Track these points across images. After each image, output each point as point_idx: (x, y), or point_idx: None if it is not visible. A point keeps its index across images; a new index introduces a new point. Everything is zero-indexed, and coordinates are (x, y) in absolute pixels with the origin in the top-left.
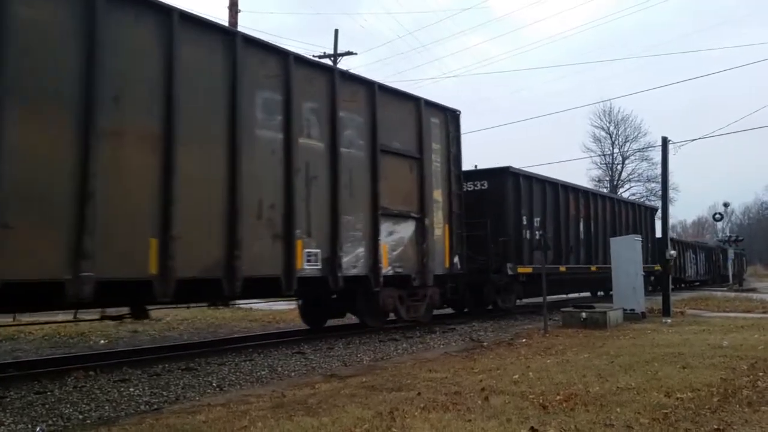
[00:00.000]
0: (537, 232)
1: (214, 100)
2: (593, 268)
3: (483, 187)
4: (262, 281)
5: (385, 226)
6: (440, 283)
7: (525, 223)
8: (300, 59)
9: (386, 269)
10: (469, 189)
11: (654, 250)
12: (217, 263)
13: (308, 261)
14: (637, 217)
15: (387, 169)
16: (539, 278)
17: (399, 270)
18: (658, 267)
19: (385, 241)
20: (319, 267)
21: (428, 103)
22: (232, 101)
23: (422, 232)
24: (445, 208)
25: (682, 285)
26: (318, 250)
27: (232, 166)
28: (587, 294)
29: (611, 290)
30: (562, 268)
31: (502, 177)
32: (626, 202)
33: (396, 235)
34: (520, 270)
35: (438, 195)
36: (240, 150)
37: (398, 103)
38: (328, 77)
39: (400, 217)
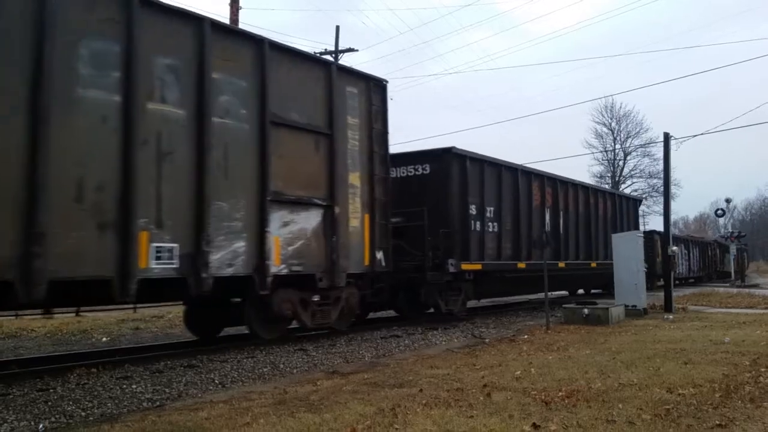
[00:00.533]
0: (490, 224)
1: (6, 47)
2: (562, 264)
3: (424, 172)
4: (88, 284)
5: (277, 216)
6: (361, 284)
7: (474, 212)
8: (149, 2)
9: (278, 267)
10: (409, 174)
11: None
12: (7, 261)
13: (158, 258)
14: (618, 209)
15: (282, 146)
16: (493, 276)
17: (298, 268)
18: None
19: (277, 234)
20: (175, 266)
21: (343, 70)
22: (37, 50)
23: (332, 223)
24: (366, 195)
25: (675, 282)
26: (174, 245)
27: (32, 134)
28: (557, 294)
29: (586, 289)
30: (521, 265)
31: (445, 160)
32: (605, 192)
33: (294, 226)
34: (466, 267)
35: (355, 179)
36: (48, 113)
37: (300, 67)
38: (196, 29)
39: (300, 204)
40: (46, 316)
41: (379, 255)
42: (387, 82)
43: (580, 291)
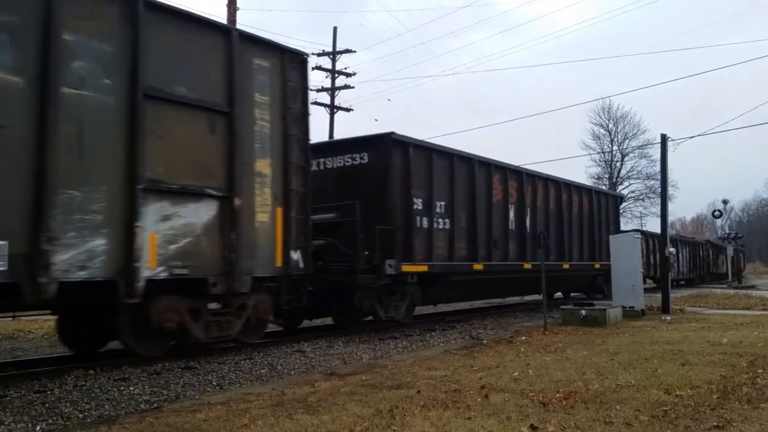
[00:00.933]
0: (441, 220)
1: None
2: (528, 265)
3: (362, 161)
4: None
5: (155, 208)
6: (277, 289)
7: (419, 207)
8: None
9: (154, 270)
10: (346, 164)
11: None
12: None
13: None
14: (596, 206)
15: (163, 125)
16: (444, 279)
17: (182, 271)
18: None
19: (154, 230)
20: (2, 268)
21: (248, 38)
22: None
23: (231, 218)
24: (278, 186)
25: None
26: (1, 243)
27: None
28: (530, 298)
29: (562, 293)
30: (478, 266)
31: (383, 147)
32: (580, 188)
33: (178, 220)
34: (408, 268)
35: (264, 167)
36: None
37: (191, 32)
38: None
39: (186, 195)
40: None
41: (296, 255)
42: (307, 55)
43: (558, 294)
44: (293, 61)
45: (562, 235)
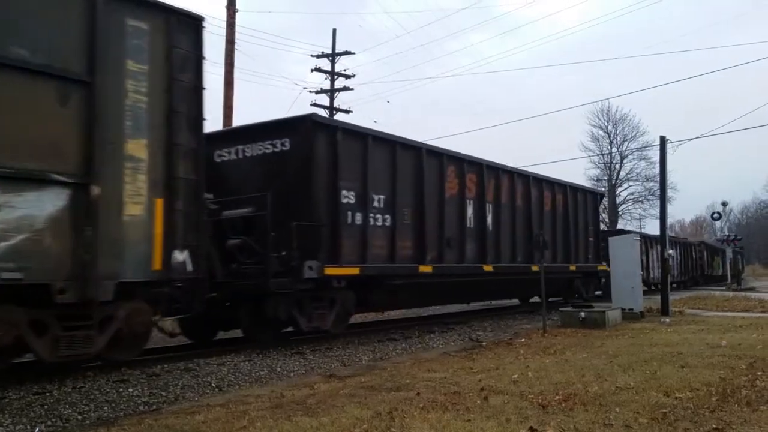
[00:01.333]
0: (379, 216)
1: None
2: (488, 267)
3: (284, 148)
4: None
5: None
6: (165, 296)
7: (351, 201)
8: None
9: None
10: (266, 151)
11: (598, 245)
12: None
13: None
14: (573, 204)
15: None
16: (385, 283)
17: (13, 275)
18: (603, 266)
19: None
20: None
21: None
22: None
23: (87, 209)
24: (159, 172)
25: (651, 287)
26: None
27: None
28: (489, 303)
29: (530, 298)
30: (426, 268)
31: (306, 132)
32: (553, 183)
33: (11, 212)
34: (333, 271)
35: (139, 149)
36: None
37: None
38: None
39: (22, 181)
40: None
41: (183, 256)
42: (202, 19)
43: (536, 299)
44: (183, 24)
45: (530, 234)
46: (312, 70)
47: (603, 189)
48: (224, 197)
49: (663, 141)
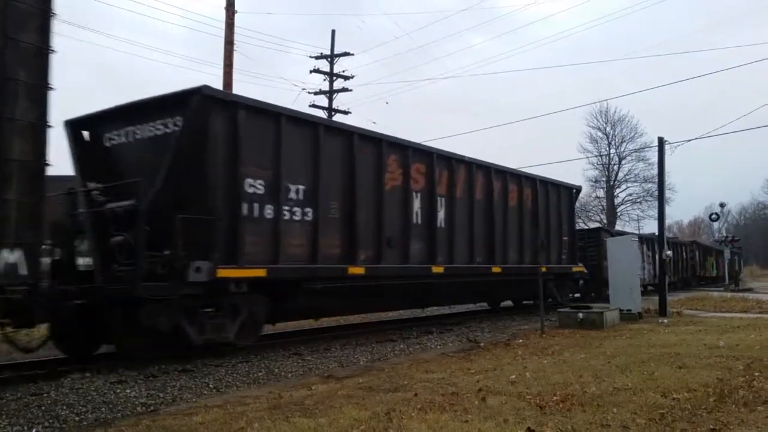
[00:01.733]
0: (297, 209)
1: None
2: (438, 269)
3: (176, 128)
4: None
5: None
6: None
7: (259, 191)
8: None
9: None
10: (157, 133)
11: (574, 245)
12: None
13: None
14: (544, 199)
15: None
16: (301, 286)
17: None
18: (579, 268)
19: None
20: None
21: None
22: None
23: None
24: None
25: (644, 288)
26: None
27: None
28: (450, 308)
29: (494, 302)
30: (357, 270)
31: (198, 108)
32: (519, 176)
33: None
34: (229, 273)
35: None
36: None
37: None
38: None
39: None
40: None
41: (14, 257)
42: None
43: (508, 303)
44: None
45: (492, 232)
46: (311, 72)
47: (579, 185)
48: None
49: (661, 142)
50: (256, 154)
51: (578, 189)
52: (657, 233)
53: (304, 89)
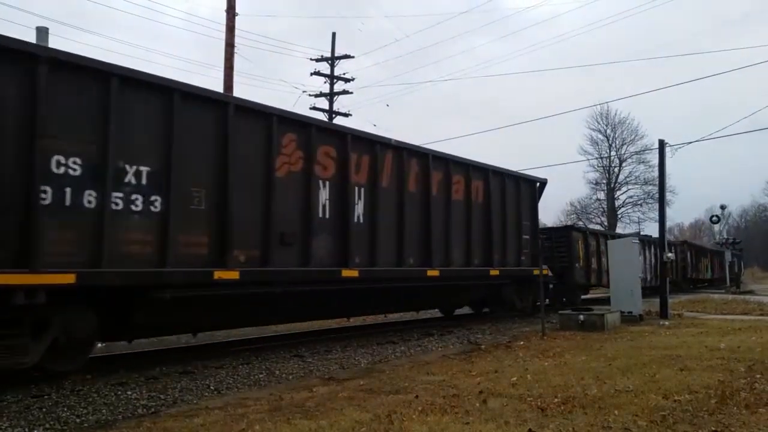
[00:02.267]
0: (138, 197)
1: None
2: (350, 272)
3: None
4: None
5: None
6: None
7: (75, 172)
8: None
9: None
10: None
11: (536, 245)
12: None
13: None
14: (499, 193)
15: None
16: (143, 296)
17: None
18: (544, 271)
19: None
20: None
21: None
22: None
23: None
24: None
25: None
26: None
27: None
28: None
29: (439, 308)
30: (228, 274)
31: None
32: (467, 165)
33: None
34: (11, 280)
35: None
36: None
37: None
38: None
39: None
40: None
41: None
42: None
43: (460, 311)
44: None
45: (428, 230)
46: (311, 74)
47: (545, 177)
48: None
49: (662, 144)
50: (72, 123)
51: (543, 182)
52: (658, 236)
53: (304, 92)
